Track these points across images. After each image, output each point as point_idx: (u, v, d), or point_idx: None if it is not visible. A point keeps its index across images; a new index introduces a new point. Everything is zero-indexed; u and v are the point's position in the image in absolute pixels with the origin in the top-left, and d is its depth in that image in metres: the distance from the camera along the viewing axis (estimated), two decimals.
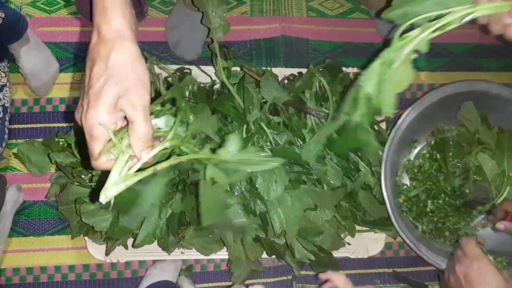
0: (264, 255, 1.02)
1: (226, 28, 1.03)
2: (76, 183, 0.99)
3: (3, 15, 0.98)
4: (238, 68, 1.08)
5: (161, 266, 1.07)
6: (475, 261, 0.83)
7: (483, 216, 1.12)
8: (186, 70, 1.10)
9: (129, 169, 0.53)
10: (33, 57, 1.12)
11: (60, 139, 1.04)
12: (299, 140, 1.02)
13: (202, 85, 1.09)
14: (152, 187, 0.66)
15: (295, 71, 1.15)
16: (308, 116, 1.04)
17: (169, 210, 0.96)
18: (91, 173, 0.97)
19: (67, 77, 1.19)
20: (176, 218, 0.98)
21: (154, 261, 1.10)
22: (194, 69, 1.12)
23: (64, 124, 1.17)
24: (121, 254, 1.04)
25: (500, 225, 0.94)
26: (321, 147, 0.95)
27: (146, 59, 1.08)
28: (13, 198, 1.08)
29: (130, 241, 1.02)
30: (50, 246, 1.12)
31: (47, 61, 1.15)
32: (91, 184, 0.98)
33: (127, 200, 0.66)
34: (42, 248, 1.12)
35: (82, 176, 1.01)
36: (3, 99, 1.05)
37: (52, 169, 1.13)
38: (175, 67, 1.11)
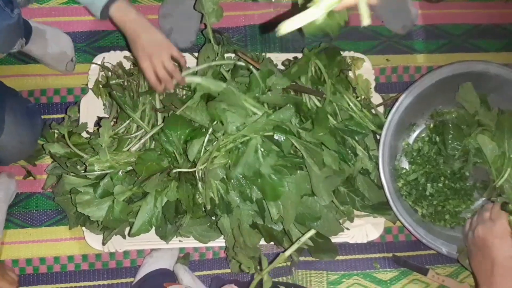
0: (262, 242, 1.02)
1: (219, 13, 1.01)
2: (71, 174, 0.99)
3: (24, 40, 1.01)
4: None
5: (157, 255, 1.07)
6: (500, 229, 0.88)
7: (483, 199, 1.11)
8: None
9: None
10: (38, 44, 1.11)
11: (54, 130, 1.03)
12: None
13: None
14: None
15: (290, 56, 1.13)
16: (304, 99, 1.03)
17: (164, 198, 0.95)
18: (84, 163, 0.97)
19: None
20: (172, 206, 0.98)
21: (152, 250, 1.10)
22: (189, 57, 1.11)
23: (58, 115, 1.17)
24: (119, 244, 1.04)
25: None
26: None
27: None
28: (4, 185, 1.08)
29: (127, 231, 1.02)
30: (48, 237, 1.12)
31: (56, 40, 1.14)
32: (86, 174, 0.97)
33: None
34: (40, 239, 1.12)
35: (78, 167, 1.01)
36: None
37: (49, 160, 1.13)
38: None
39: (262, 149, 0.93)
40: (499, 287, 0.86)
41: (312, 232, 0.95)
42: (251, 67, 0.99)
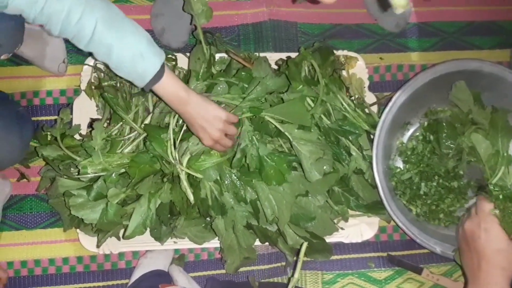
0: (257, 243, 1.02)
1: (208, 14, 1.01)
2: (64, 176, 0.99)
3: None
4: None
5: (151, 255, 1.07)
6: (484, 221, 0.88)
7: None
8: (170, 56, 1.08)
9: None
10: (30, 45, 1.10)
11: (46, 132, 1.03)
12: None
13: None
14: None
15: (283, 55, 1.13)
16: None
17: (158, 200, 0.95)
18: (77, 166, 0.96)
19: None
20: (167, 208, 0.98)
21: (147, 251, 1.10)
22: (181, 57, 1.10)
23: (51, 117, 1.16)
24: (114, 245, 1.04)
25: None
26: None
27: None
28: None
29: (122, 232, 1.02)
30: (43, 239, 1.12)
31: (48, 41, 1.13)
32: (79, 176, 0.97)
33: None
34: (35, 241, 1.12)
35: (71, 169, 1.00)
36: None
37: (42, 162, 1.12)
38: None
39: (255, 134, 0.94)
40: (486, 282, 0.85)
41: (305, 246, 0.96)
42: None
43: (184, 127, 0.94)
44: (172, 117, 0.95)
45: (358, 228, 1.09)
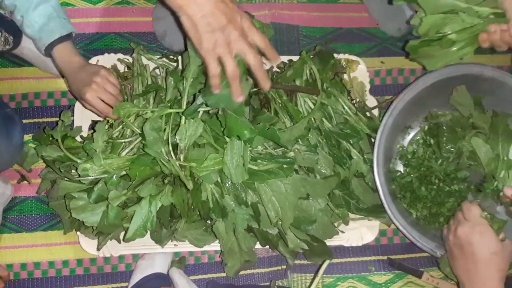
0: (257, 246, 1.02)
1: None
2: (65, 179, 0.99)
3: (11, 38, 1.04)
4: None
5: (149, 257, 1.07)
6: (477, 225, 0.89)
7: (477, 201, 1.11)
8: (171, 56, 1.08)
9: None
10: (31, 46, 1.09)
11: (48, 134, 1.03)
12: None
13: None
14: None
15: (285, 58, 1.13)
16: (299, 102, 1.03)
17: (159, 203, 0.95)
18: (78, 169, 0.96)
19: None
20: (167, 210, 0.98)
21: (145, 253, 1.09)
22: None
23: (52, 119, 1.16)
24: (114, 248, 1.04)
25: None
26: (304, 133, 0.95)
27: (132, 50, 1.07)
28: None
29: (122, 235, 1.02)
30: (43, 242, 1.12)
31: None
32: (80, 179, 0.97)
33: None
34: (35, 244, 1.12)
35: (72, 172, 1.00)
36: None
37: (43, 164, 1.12)
38: None
39: None
40: (484, 284, 0.87)
41: (327, 264, 0.96)
42: None
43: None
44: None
45: (359, 232, 1.09)
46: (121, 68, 1.10)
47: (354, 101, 1.11)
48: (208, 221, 1.01)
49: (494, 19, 0.90)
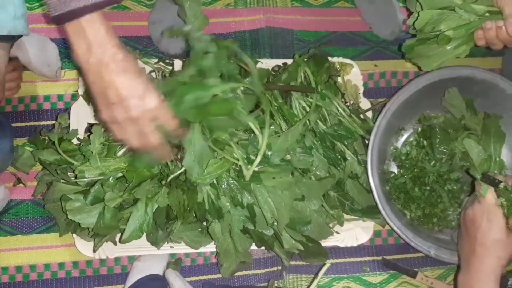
0: (253, 247, 1.02)
1: (203, 21, 1.01)
2: (61, 181, 0.99)
3: None
4: None
5: (145, 259, 1.07)
6: (487, 212, 0.89)
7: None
8: (167, 60, 1.09)
9: None
10: (27, 51, 1.10)
11: (44, 137, 1.03)
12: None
13: None
14: None
15: (280, 62, 1.15)
16: (294, 104, 1.04)
17: (155, 204, 0.96)
18: (74, 171, 0.97)
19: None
20: (163, 212, 0.98)
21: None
22: (178, 63, 1.11)
23: (48, 122, 1.16)
24: (110, 250, 1.04)
25: None
26: (299, 137, 0.96)
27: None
28: None
29: (118, 237, 1.02)
30: (39, 244, 1.12)
31: (41, 47, 1.13)
32: (76, 181, 0.97)
33: None
34: (31, 247, 1.12)
35: (68, 174, 1.00)
36: None
37: (38, 167, 1.12)
38: None
39: None
40: (479, 268, 0.87)
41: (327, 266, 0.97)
42: None
43: None
44: None
45: (353, 232, 1.10)
46: None
47: (348, 104, 1.13)
48: (204, 223, 1.01)
49: (489, 17, 0.90)
